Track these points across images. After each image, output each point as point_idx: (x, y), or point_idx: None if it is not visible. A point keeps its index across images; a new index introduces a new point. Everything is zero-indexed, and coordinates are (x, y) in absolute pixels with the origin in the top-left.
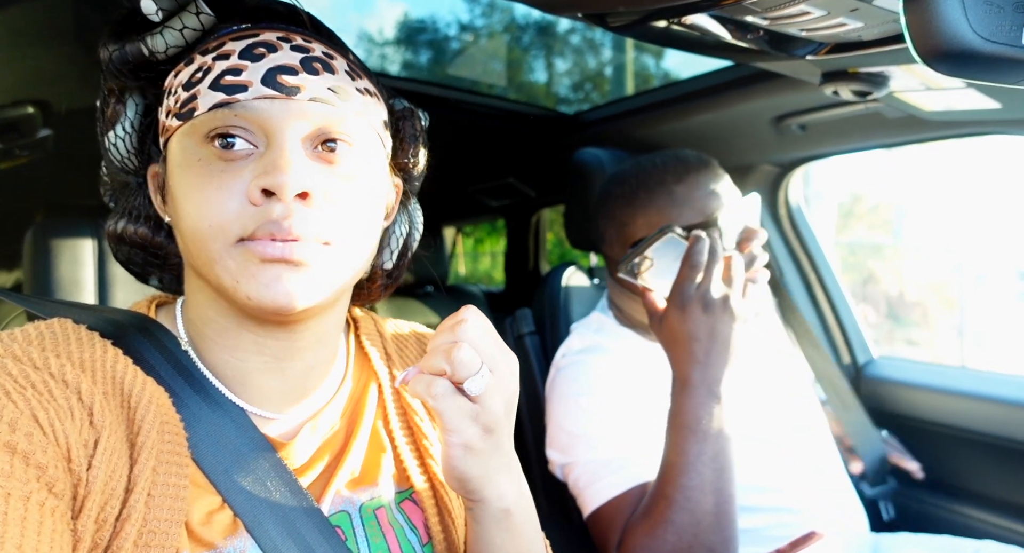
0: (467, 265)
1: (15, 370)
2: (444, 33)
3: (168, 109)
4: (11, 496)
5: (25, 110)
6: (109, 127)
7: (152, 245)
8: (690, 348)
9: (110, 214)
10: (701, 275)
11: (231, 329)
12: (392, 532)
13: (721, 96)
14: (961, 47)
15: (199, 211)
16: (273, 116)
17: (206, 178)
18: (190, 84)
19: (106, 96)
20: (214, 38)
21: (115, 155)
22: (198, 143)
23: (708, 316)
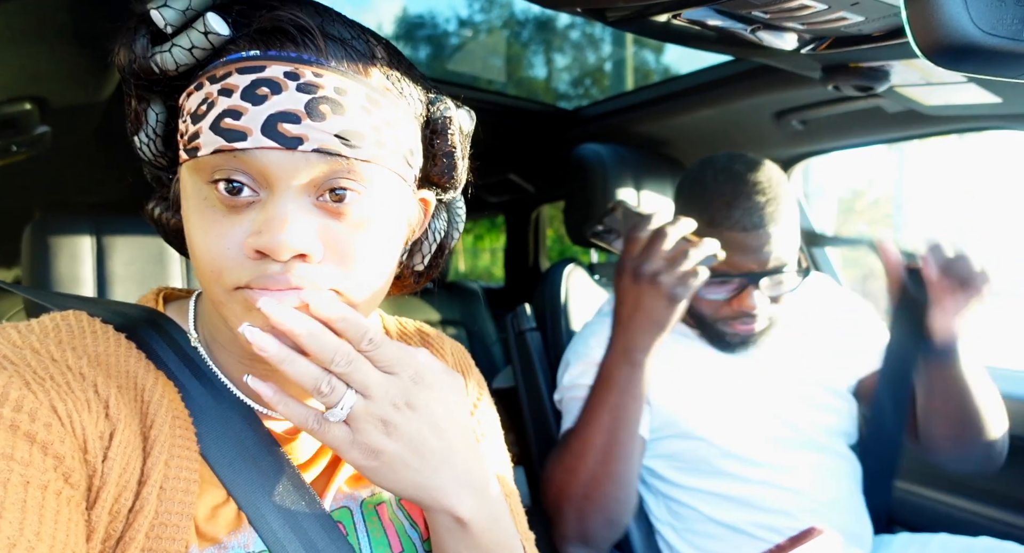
0: (467, 262)
1: (34, 362)
2: (443, 29)
3: (181, 133)
4: (30, 484)
5: (23, 106)
6: (136, 130)
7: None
8: (619, 311)
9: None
10: (640, 250)
11: (235, 340)
12: (393, 528)
13: (721, 91)
14: (962, 41)
15: (201, 253)
16: (272, 167)
17: (209, 222)
18: (196, 116)
19: (129, 99)
20: (223, 62)
21: (145, 155)
22: (203, 182)
23: (636, 286)
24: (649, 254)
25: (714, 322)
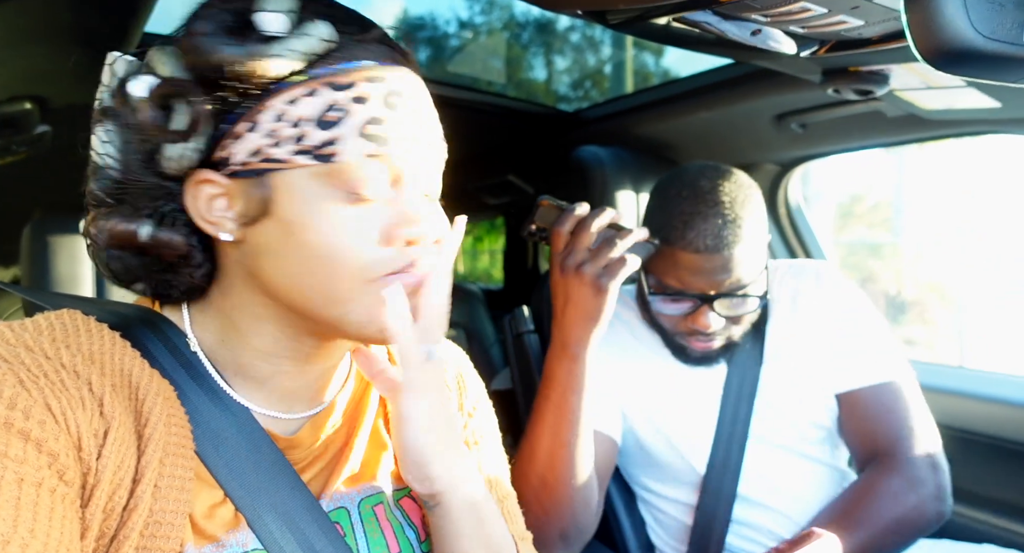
0: (466, 263)
1: (28, 360)
2: (443, 30)
3: (280, 138)
4: (24, 481)
5: (23, 106)
6: (182, 138)
7: (182, 253)
8: (553, 305)
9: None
10: (564, 243)
11: (281, 340)
12: (390, 528)
13: (721, 94)
14: (962, 45)
15: (339, 253)
16: (408, 168)
17: (342, 221)
18: (325, 123)
19: (187, 104)
20: (341, 70)
21: (176, 165)
22: (331, 184)
23: (564, 280)
24: (573, 246)
25: (673, 335)
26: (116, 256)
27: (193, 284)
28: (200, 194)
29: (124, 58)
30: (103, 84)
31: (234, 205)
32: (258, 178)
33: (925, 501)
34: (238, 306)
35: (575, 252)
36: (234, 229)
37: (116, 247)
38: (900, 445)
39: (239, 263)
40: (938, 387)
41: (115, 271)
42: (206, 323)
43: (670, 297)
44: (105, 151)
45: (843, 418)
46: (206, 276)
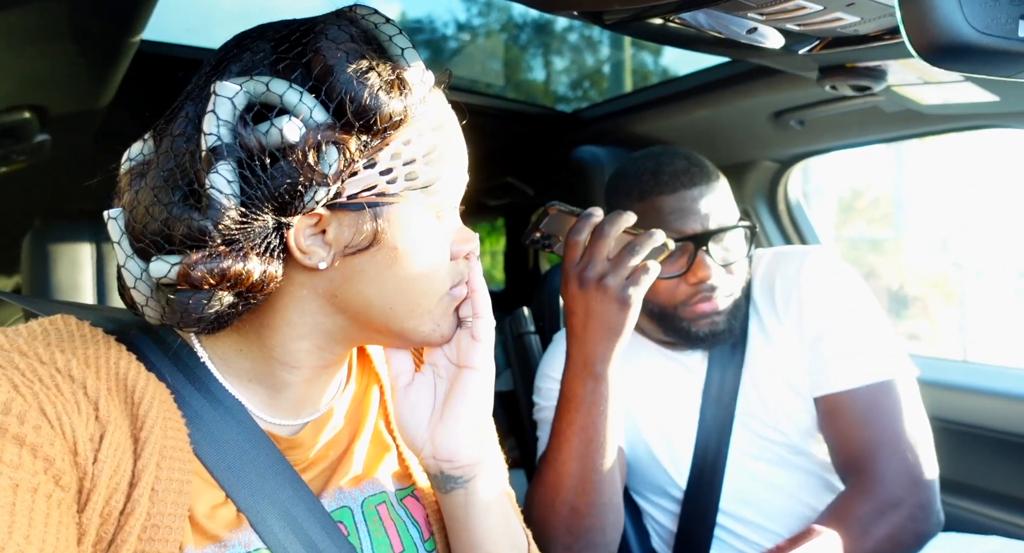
0: None
1: (22, 364)
2: (441, 32)
3: (397, 176)
4: (19, 487)
5: (22, 115)
6: (333, 181)
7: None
8: (570, 322)
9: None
10: (581, 252)
11: (313, 352)
12: (394, 527)
13: (719, 92)
14: (957, 41)
15: (434, 272)
16: (463, 191)
17: (435, 243)
18: (431, 161)
19: (338, 148)
20: (430, 111)
21: (315, 206)
22: (426, 209)
23: (583, 293)
24: (591, 256)
25: (674, 313)
26: (217, 298)
27: (252, 308)
28: (300, 226)
29: (243, 91)
30: (220, 119)
31: (328, 233)
32: (370, 211)
33: (899, 528)
34: (275, 326)
35: (594, 262)
36: (327, 256)
37: (225, 288)
38: (876, 459)
39: (306, 286)
40: (942, 382)
41: (202, 314)
42: (219, 335)
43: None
44: (232, 191)
45: (822, 423)
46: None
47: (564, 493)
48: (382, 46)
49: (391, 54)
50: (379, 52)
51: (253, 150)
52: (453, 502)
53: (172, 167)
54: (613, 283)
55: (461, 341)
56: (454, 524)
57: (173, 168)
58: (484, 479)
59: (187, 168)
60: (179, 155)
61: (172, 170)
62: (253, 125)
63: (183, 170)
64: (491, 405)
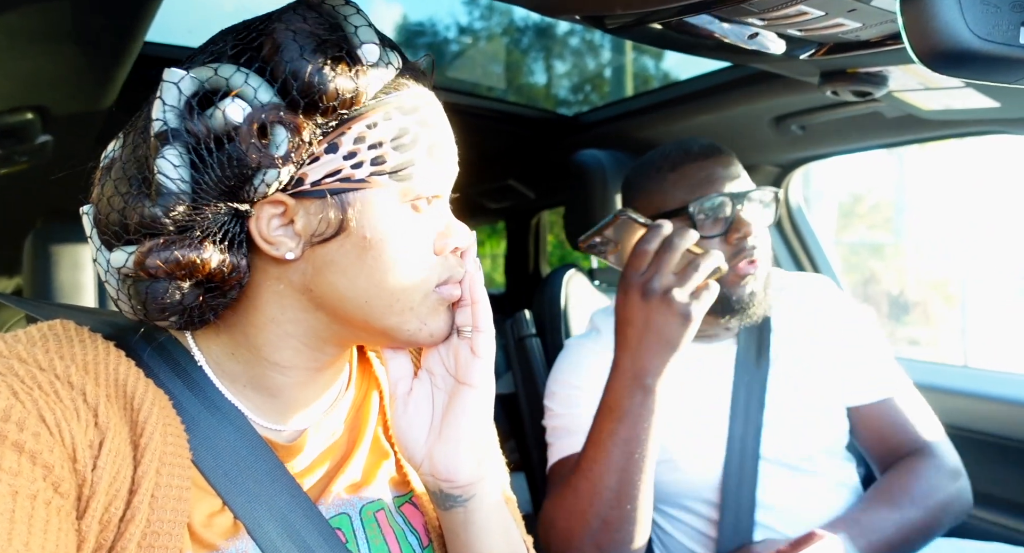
0: None
1: (22, 371)
2: (443, 36)
3: (362, 160)
4: (19, 494)
5: (24, 116)
6: (284, 163)
7: (242, 276)
8: (624, 333)
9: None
10: (648, 264)
11: (303, 352)
12: (392, 534)
13: (720, 97)
14: (958, 47)
15: (411, 265)
16: (449, 183)
17: (412, 234)
18: (401, 146)
19: (287, 129)
20: (404, 96)
21: (269, 190)
22: (399, 200)
23: (646, 305)
24: (659, 268)
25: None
26: (175, 287)
27: (227, 305)
28: (263, 214)
29: (191, 76)
30: (166, 103)
31: (296, 223)
32: (335, 198)
33: (955, 497)
34: (260, 323)
35: (661, 274)
36: (295, 247)
37: (181, 278)
38: (930, 445)
39: (282, 280)
40: (943, 387)
41: (166, 304)
42: (210, 337)
43: (710, 214)
44: (179, 176)
45: (859, 431)
46: (237, 296)
47: (598, 505)
48: (339, 26)
49: (346, 33)
50: (332, 31)
51: (200, 135)
52: (452, 519)
53: (130, 158)
54: (680, 297)
55: (460, 354)
56: (453, 540)
57: (131, 159)
58: (483, 497)
59: (141, 157)
60: (137, 146)
61: (130, 161)
62: (200, 110)
63: (138, 160)
64: (491, 422)
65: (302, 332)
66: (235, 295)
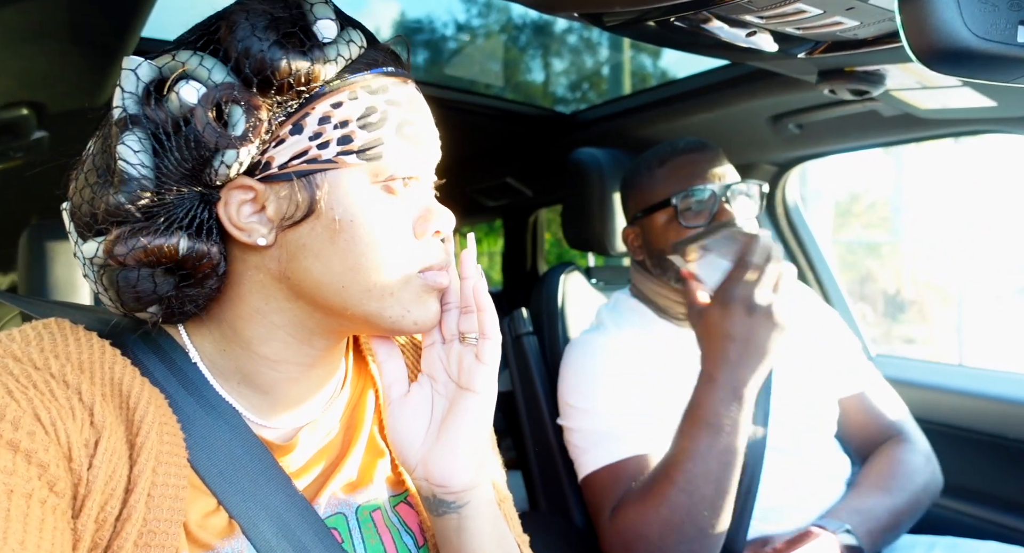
0: None
1: (16, 370)
2: (441, 33)
3: (328, 139)
4: (13, 493)
5: (20, 112)
6: (242, 143)
7: (214, 264)
8: (724, 347)
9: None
10: (752, 276)
11: (292, 345)
12: (388, 534)
13: (718, 95)
14: (956, 45)
15: (385, 248)
16: (429, 165)
17: (385, 216)
18: (368, 126)
19: (245, 109)
20: (373, 75)
21: (229, 172)
22: (373, 182)
23: (750, 319)
24: (764, 282)
25: None
26: (147, 275)
27: (208, 296)
28: (232, 200)
29: (149, 63)
30: (125, 91)
31: (266, 208)
32: (302, 180)
33: (933, 479)
34: (246, 315)
35: (764, 287)
36: (267, 233)
37: (149, 265)
38: (906, 430)
39: (261, 268)
40: (938, 385)
41: (140, 293)
42: (203, 334)
43: (694, 206)
44: (139, 161)
45: (845, 419)
46: (219, 287)
47: (696, 516)
48: (296, 4)
49: (301, 10)
50: (287, 9)
51: (158, 120)
52: (445, 525)
53: (99, 150)
54: (780, 310)
55: (464, 360)
56: (445, 545)
57: (99, 151)
58: (478, 504)
59: (107, 148)
60: (105, 138)
61: (99, 153)
62: (159, 96)
63: (105, 150)
64: (490, 429)
65: (288, 322)
66: (215, 285)
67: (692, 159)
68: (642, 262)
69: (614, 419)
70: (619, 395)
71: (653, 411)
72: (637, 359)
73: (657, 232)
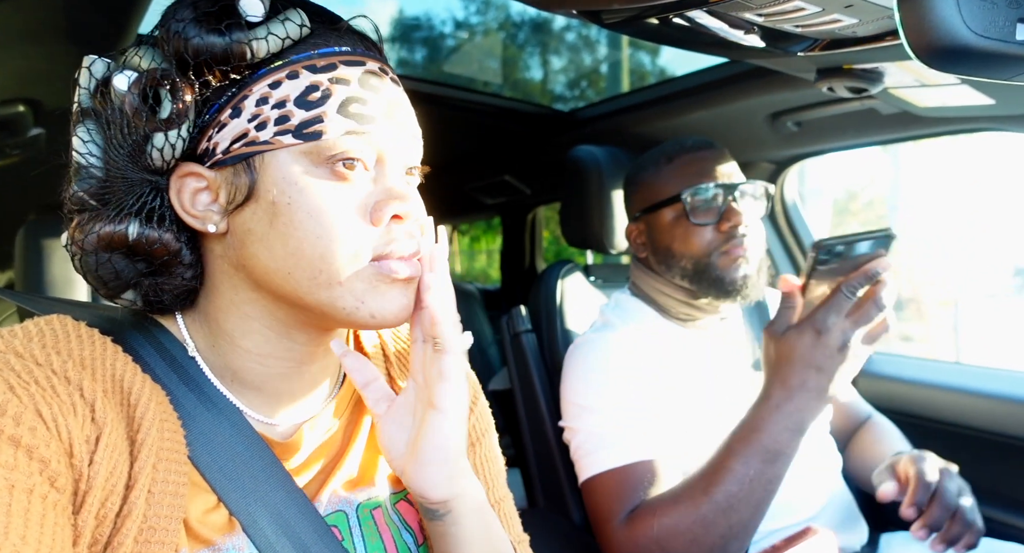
0: (463, 263)
1: (18, 366)
2: (439, 30)
3: (265, 120)
4: (15, 488)
5: (16, 109)
6: (168, 126)
7: (171, 252)
8: (805, 376)
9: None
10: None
11: (272, 338)
12: (389, 532)
13: (716, 93)
14: (955, 43)
15: (328, 232)
16: (391, 146)
17: (329, 199)
18: (308, 104)
19: (170, 92)
20: (318, 54)
21: (162, 156)
22: (315, 163)
23: (839, 355)
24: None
25: (708, 261)
26: (105, 260)
27: (184, 287)
28: (185, 188)
29: (101, 59)
30: (80, 86)
31: (219, 196)
32: (243, 163)
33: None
34: (223, 307)
35: (866, 317)
36: (219, 220)
37: (105, 250)
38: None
39: (224, 258)
40: (935, 383)
41: (104, 278)
42: (197, 329)
43: (703, 204)
44: (88, 150)
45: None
46: (195, 278)
47: (728, 537)
48: None
49: None
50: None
51: (104, 112)
52: (434, 530)
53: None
54: (866, 350)
55: (431, 371)
56: (437, 547)
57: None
58: (461, 512)
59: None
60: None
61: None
62: (105, 89)
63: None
64: (462, 444)
65: (260, 314)
66: (187, 275)
67: (701, 156)
68: (645, 259)
69: (623, 419)
70: (629, 394)
71: (659, 414)
72: (645, 359)
73: (663, 228)
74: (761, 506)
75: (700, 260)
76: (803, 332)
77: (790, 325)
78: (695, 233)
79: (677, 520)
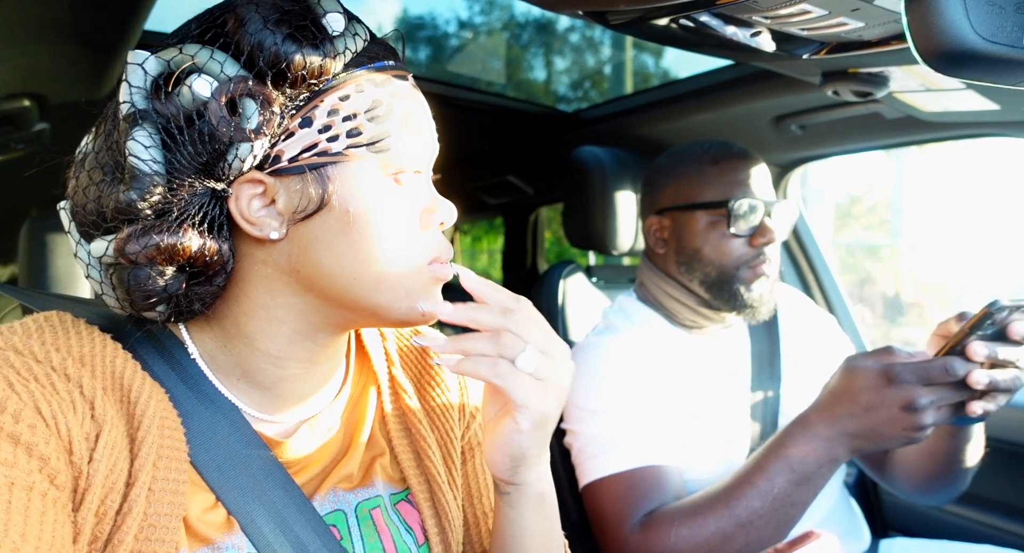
0: (465, 263)
1: (18, 363)
2: (443, 30)
3: (337, 133)
4: (15, 486)
5: (21, 103)
6: (256, 137)
7: (226, 260)
8: (854, 415)
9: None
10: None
11: (295, 341)
12: (388, 532)
13: (720, 95)
14: (962, 47)
15: (398, 240)
16: (428, 154)
17: (396, 208)
18: (375, 117)
19: (261, 102)
20: (374, 68)
21: (243, 166)
22: (382, 174)
23: (901, 415)
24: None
25: (735, 274)
26: (157, 274)
27: (216, 294)
28: (243, 195)
29: (155, 57)
30: (132, 85)
31: (277, 202)
32: (313, 173)
33: None
34: (249, 310)
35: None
36: (278, 226)
37: (163, 264)
38: None
39: (268, 263)
40: None
41: (148, 292)
42: (204, 330)
43: (744, 215)
44: (151, 157)
45: None
46: (225, 284)
47: (742, 549)
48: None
49: (309, 3)
50: (295, 2)
51: (168, 114)
52: (498, 504)
53: (102, 147)
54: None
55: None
56: (497, 524)
57: (103, 147)
58: (519, 497)
59: (113, 144)
60: (108, 134)
61: (102, 150)
62: (167, 90)
63: (110, 147)
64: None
65: (292, 318)
66: (222, 282)
67: (747, 165)
68: (661, 257)
69: (626, 423)
70: (633, 398)
71: (664, 419)
72: (650, 364)
73: (695, 230)
74: (781, 528)
75: (727, 270)
76: (875, 371)
77: (869, 357)
78: (729, 242)
79: (696, 531)
